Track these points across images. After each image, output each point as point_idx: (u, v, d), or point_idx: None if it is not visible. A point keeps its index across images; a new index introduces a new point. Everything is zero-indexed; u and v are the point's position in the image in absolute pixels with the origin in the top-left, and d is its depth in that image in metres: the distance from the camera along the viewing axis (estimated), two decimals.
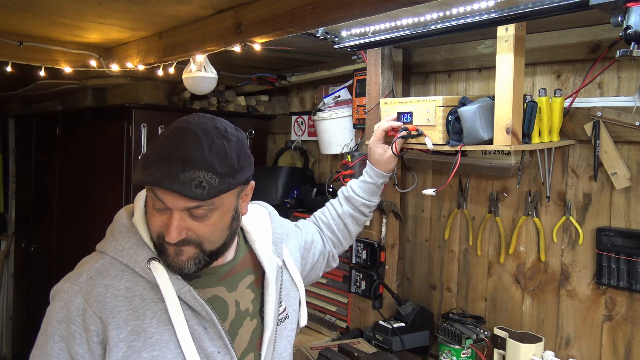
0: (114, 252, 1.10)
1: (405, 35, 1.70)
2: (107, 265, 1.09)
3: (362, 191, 1.73)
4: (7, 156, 4.26)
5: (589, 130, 1.66)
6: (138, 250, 1.09)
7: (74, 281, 1.08)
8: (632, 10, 1.19)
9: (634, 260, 1.61)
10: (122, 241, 1.11)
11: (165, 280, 1.07)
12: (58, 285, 1.10)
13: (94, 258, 1.12)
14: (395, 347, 1.97)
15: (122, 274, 1.08)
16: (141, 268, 1.08)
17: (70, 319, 1.04)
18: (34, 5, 1.73)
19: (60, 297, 1.07)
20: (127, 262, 1.09)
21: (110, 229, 1.15)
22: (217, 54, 1.92)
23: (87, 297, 1.05)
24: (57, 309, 1.06)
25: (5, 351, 4.24)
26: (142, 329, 1.04)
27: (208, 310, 1.09)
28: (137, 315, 1.05)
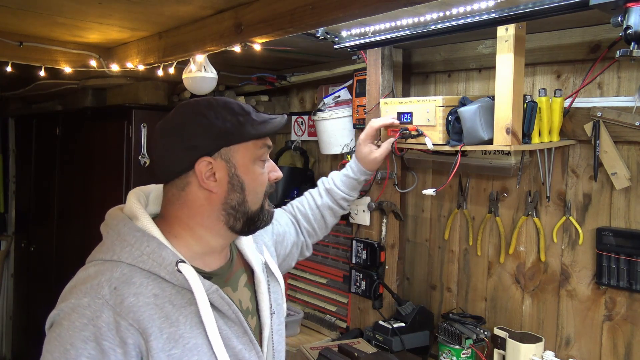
0: (132, 259, 1.02)
1: (405, 35, 1.70)
2: (128, 274, 1.01)
3: (343, 185, 1.71)
4: (7, 156, 4.27)
5: (589, 130, 1.66)
6: (162, 253, 1.03)
7: (95, 294, 0.97)
8: (632, 10, 1.19)
9: (634, 260, 1.61)
10: (139, 246, 1.03)
11: (196, 281, 1.02)
12: (68, 303, 0.98)
13: (108, 268, 1.01)
14: (395, 347, 1.97)
15: (146, 280, 1.01)
16: (168, 272, 1.02)
17: (100, 335, 0.94)
18: (34, 5, 1.73)
19: (79, 314, 0.95)
20: (150, 268, 1.02)
21: (117, 234, 1.06)
22: (217, 54, 1.92)
23: (117, 309, 0.96)
24: (78, 328, 0.94)
25: (5, 351, 4.24)
26: (179, 335, 1.00)
27: (235, 308, 1.09)
28: (171, 322, 1.00)
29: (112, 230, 1.07)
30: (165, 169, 1.10)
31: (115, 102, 2.95)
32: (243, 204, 1.11)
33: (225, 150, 1.08)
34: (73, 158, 3.29)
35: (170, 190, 1.11)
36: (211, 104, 1.10)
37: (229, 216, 1.11)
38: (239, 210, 1.11)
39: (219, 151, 1.08)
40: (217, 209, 1.10)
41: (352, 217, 2.25)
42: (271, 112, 3.03)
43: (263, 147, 1.13)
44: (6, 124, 4.25)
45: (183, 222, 1.10)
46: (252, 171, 1.12)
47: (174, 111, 1.13)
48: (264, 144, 1.14)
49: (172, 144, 1.08)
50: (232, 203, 1.11)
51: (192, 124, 1.07)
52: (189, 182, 1.09)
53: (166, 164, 1.09)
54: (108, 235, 1.07)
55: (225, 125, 1.07)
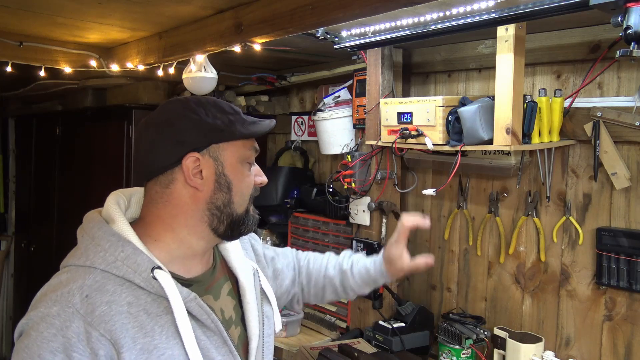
0: (105, 265, 0.97)
1: (405, 35, 1.70)
2: (101, 280, 0.96)
3: (359, 276, 1.48)
4: (7, 156, 4.27)
5: (589, 130, 1.66)
6: (137, 259, 0.98)
7: (65, 303, 0.92)
8: (632, 10, 1.19)
9: (634, 260, 1.61)
10: (113, 251, 0.98)
11: (172, 289, 0.98)
12: (37, 312, 0.92)
13: (80, 274, 0.97)
14: (395, 347, 1.97)
15: (120, 288, 0.96)
16: (143, 279, 0.97)
17: (69, 347, 0.89)
18: (34, 5, 1.73)
19: (48, 324, 0.90)
20: (124, 274, 0.97)
21: (91, 238, 1.01)
22: (217, 54, 1.92)
23: (88, 318, 0.91)
24: (46, 339, 0.89)
25: (5, 351, 4.24)
26: (154, 346, 0.95)
27: (214, 317, 1.05)
28: (145, 332, 0.95)
29: (86, 234, 1.03)
30: (150, 164, 1.06)
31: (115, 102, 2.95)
32: (229, 204, 1.08)
33: (214, 147, 1.05)
34: (73, 158, 3.29)
35: (154, 187, 1.07)
36: (201, 101, 1.08)
37: (213, 217, 1.07)
38: (223, 211, 1.07)
39: (207, 148, 1.05)
40: (201, 209, 1.06)
41: (352, 217, 2.25)
42: (271, 112, 3.04)
43: (251, 149, 1.11)
44: (6, 124, 4.25)
45: (165, 223, 1.06)
46: (240, 171, 1.09)
47: (162, 106, 1.10)
48: (252, 146, 1.11)
49: (160, 139, 1.05)
50: (218, 203, 1.07)
51: (182, 119, 1.05)
52: (174, 179, 1.05)
53: (151, 159, 1.05)
54: (82, 240, 1.03)
55: (216, 122, 1.05)
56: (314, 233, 2.53)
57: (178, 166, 1.04)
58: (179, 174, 1.04)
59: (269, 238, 2.91)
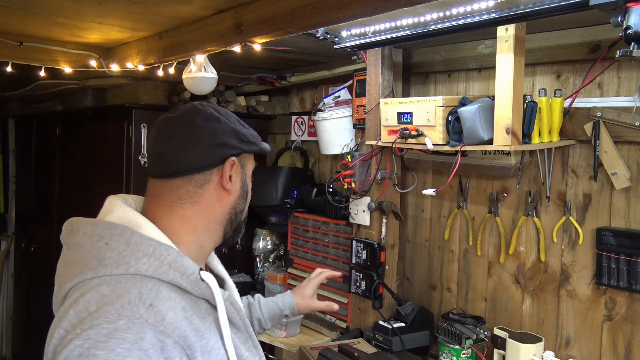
0: (152, 271, 0.93)
1: (405, 35, 1.70)
2: (155, 287, 0.92)
3: (266, 307, 1.59)
4: (7, 156, 4.26)
5: (589, 130, 1.66)
6: (184, 262, 0.96)
7: (131, 315, 0.87)
8: (632, 10, 1.19)
9: (634, 260, 1.61)
10: (158, 256, 0.95)
11: (217, 290, 0.99)
12: (99, 329, 0.85)
13: (127, 284, 0.91)
14: (395, 347, 1.97)
15: (173, 293, 0.94)
16: (190, 282, 0.96)
17: (147, 357, 0.85)
18: (34, 5, 1.73)
19: (119, 339, 0.84)
20: (172, 279, 0.94)
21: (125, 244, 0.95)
22: (217, 54, 1.92)
23: (159, 327, 0.88)
24: (120, 355, 0.83)
25: (5, 351, 4.24)
26: (210, 347, 0.96)
27: (243, 314, 1.07)
28: (201, 334, 0.94)
29: (113, 240, 0.95)
30: (183, 162, 1.04)
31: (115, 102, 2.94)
32: (242, 211, 1.13)
33: (244, 156, 1.11)
34: (73, 158, 3.29)
35: (185, 186, 1.05)
36: (227, 111, 1.13)
37: (229, 222, 1.10)
38: (238, 217, 1.12)
39: (240, 155, 1.09)
40: (224, 212, 1.09)
41: (352, 217, 2.25)
42: (271, 113, 3.04)
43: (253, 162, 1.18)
44: (6, 124, 4.25)
45: (189, 224, 1.05)
46: (250, 181, 1.15)
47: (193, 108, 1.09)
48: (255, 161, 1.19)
49: (201, 138, 1.04)
50: (237, 209, 1.11)
51: (222, 123, 1.07)
52: (210, 180, 1.05)
53: (187, 157, 1.04)
54: (108, 247, 0.94)
55: (244, 132, 1.10)
56: (314, 233, 2.53)
57: (217, 168, 1.06)
58: (216, 176, 1.06)
59: (269, 238, 2.91)
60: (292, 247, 2.67)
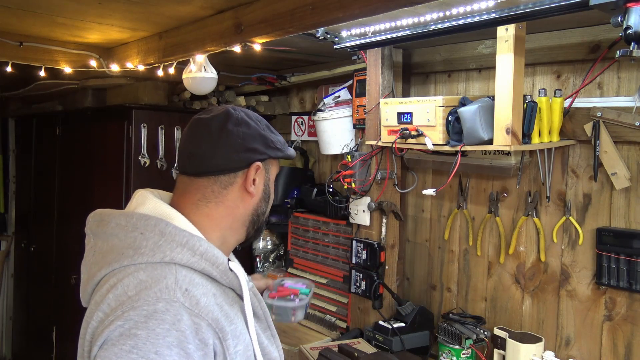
0: (185, 260, 0.99)
1: (405, 35, 1.70)
2: (189, 275, 0.99)
3: None
4: (7, 156, 4.26)
5: (589, 130, 1.66)
6: (215, 252, 1.03)
7: (169, 298, 0.93)
8: (632, 10, 1.19)
9: (634, 260, 1.61)
10: (192, 246, 1.01)
11: (244, 280, 1.07)
12: (141, 310, 0.91)
13: (165, 270, 0.97)
14: (395, 347, 1.97)
15: (203, 280, 1.01)
16: (220, 272, 1.03)
17: (184, 339, 0.91)
18: (34, 5, 1.73)
19: (159, 320, 0.90)
20: (204, 269, 1.01)
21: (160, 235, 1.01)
22: (217, 54, 1.92)
23: (195, 310, 0.94)
24: (160, 335, 0.89)
25: (5, 351, 4.24)
26: (239, 332, 1.03)
27: (264, 305, 1.15)
28: (231, 320, 1.01)
29: (148, 231, 1.01)
30: (212, 164, 1.10)
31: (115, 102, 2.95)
32: (264, 213, 1.18)
33: (269, 161, 1.16)
34: (73, 158, 3.29)
35: (210, 186, 1.10)
36: (257, 116, 1.17)
37: (252, 223, 1.16)
38: (260, 219, 1.17)
39: (265, 160, 1.14)
40: (247, 214, 1.14)
41: (352, 217, 2.25)
42: (271, 113, 3.04)
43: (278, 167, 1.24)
44: (6, 124, 4.25)
45: (214, 222, 1.11)
46: (273, 186, 1.20)
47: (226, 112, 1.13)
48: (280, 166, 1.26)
49: (230, 142, 1.10)
50: (259, 211, 1.16)
51: (252, 128, 1.12)
52: (234, 182, 1.11)
53: (216, 159, 1.10)
54: (144, 237, 1.01)
55: (272, 139, 1.15)
56: (314, 233, 2.53)
57: (242, 171, 1.11)
58: (240, 178, 1.11)
59: (269, 238, 2.91)
60: (292, 247, 2.67)
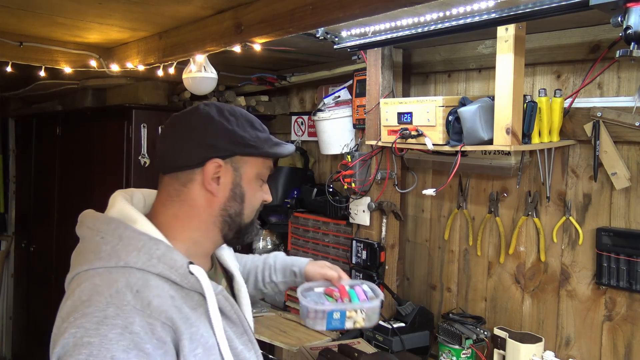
0: (141, 264, 0.97)
1: (405, 35, 1.70)
2: (143, 277, 0.96)
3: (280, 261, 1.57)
4: (7, 156, 4.26)
5: (589, 130, 1.66)
6: (173, 256, 1.00)
7: (119, 303, 0.92)
8: (632, 10, 1.19)
9: (634, 260, 1.61)
10: (148, 250, 0.99)
11: (207, 282, 1.02)
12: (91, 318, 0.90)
13: (119, 275, 0.96)
14: (395, 347, 1.97)
15: (160, 283, 0.98)
16: (179, 275, 1.00)
17: (139, 341, 0.90)
18: (34, 5, 1.73)
19: (110, 326, 0.89)
20: (161, 272, 0.98)
21: (118, 239, 1.00)
22: (217, 54, 1.92)
23: (147, 311, 0.93)
24: (114, 340, 0.88)
25: (5, 351, 4.24)
26: (200, 335, 0.99)
27: (237, 308, 1.09)
28: (191, 322, 0.98)
29: (108, 235, 1.01)
30: (172, 160, 1.09)
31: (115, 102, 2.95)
32: (239, 215, 1.12)
33: (238, 158, 1.10)
34: (73, 158, 3.29)
35: (172, 184, 1.09)
36: (235, 111, 1.13)
37: (225, 224, 1.12)
38: (235, 220, 1.12)
39: (232, 157, 1.09)
40: (215, 214, 1.10)
41: (352, 217, 2.25)
42: (271, 113, 3.04)
43: (267, 169, 1.17)
44: (6, 124, 4.25)
45: (181, 223, 1.09)
46: (254, 186, 1.14)
47: (194, 107, 1.13)
48: (269, 166, 1.17)
49: (189, 137, 1.08)
50: (230, 211, 1.11)
51: (215, 124, 1.08)
52: (193, 179, 1.08)
53: (175, 155, 1.09)
54: (104, 241, 1.00)
55: (244, 135, 1.09)
56: (314, 233, 2.53)
57: (200, 168, 1.07)
58: (199, 175, 1.08)
59: (269, 238, 2.91)
60: (292, 247, 2.67)
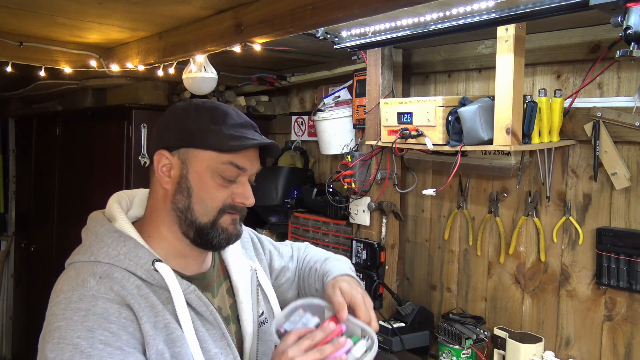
0: (109, 258, 1.02)
1: (405, 35, 1.70)
2: (108, 270, 1.01)
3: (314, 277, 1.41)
4: (7, 156, 4.26)
5: (589, 130, 1.66)
6: (139, 252, 1.04)
7: (82, 289, 0.97)
8: (632, 10, 1.19)
9: (634, 261, 1.61)
10: (115, 246, 1.04)
11: (172, 280, 1.03)
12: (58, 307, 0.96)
13: (86, 267, 1.02)
14: (395, 347, 1.97)
15: (126, 274, 1.01)
16: (144, 271, 1.02)
17: (103, 321, 0.94)
18: (34, 5, 1.73)
19: (74, 310, 0.95)
20: (127, 267, 1.02)
21: (95, 235, 1.07)
22: (217, 54, 1.92)
23: (108, 296, 0.97)
24: (78, 322, 0.94)
25: (5, 351, 4.24)
26: (164, 324, 1.00)
27: (212, 309, 1.08)
28: (157, 311, 1.00)
29: (90, 232, 1.09)
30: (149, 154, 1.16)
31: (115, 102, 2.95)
32: (189, 210, 1.08)
33: (184, 150, 1.08)
34: (73, 158, 3.29)
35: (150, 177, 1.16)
36: (203, 105, 1.11)
37: (179, 220, 1.09)
38: (186, 216, 1.08)
39: (179, 149, 1.08)
40: (168, 208, 1.10)
41: (352, 217, 2.25)
42: (271, 113, 3.03)
43: (228, 165, 1.07)
44: (6, 124, 4.25)
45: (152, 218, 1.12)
46: (205, 181, 1.08)
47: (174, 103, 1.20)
48: (230, 162, 1.07)
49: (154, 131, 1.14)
50: (179, 205, 1.08)
51: (172, 118, 1.12)
52: (152, 172, 1.12)
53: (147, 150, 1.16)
54: (87, 238, 1.09)
55: (192, 127, 1.07)
56: (314, 233, 2.53)
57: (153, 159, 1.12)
58: (153, 166, 1.12)
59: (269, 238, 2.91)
60: None
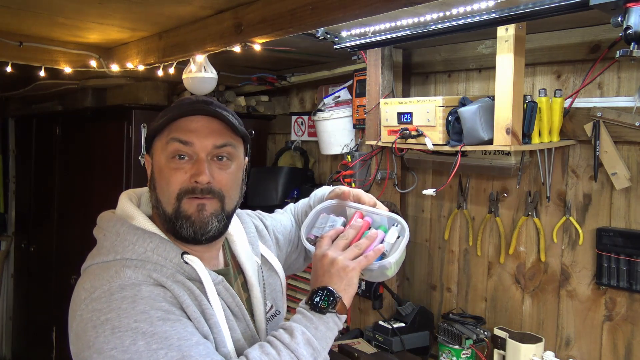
0: (137, 255, 1.01)
1: (405, 35, 1.70)
2: (140, 264, 1.00)
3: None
4: (7, 156, 4.26)
5: (589, 130, 1.66)
6: (166, 247, 1.03)
7: (121, 279, 0.95)
8: (632, 10, 1.19)
9: (634, 261, 1.61)
10: (142, 243, 1.02)
11: (203, 270, 1.04)
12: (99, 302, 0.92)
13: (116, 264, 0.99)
14: (395, 348, 1.97)
15: (158, 267, 1.01)
16: (174, 264, 1.02)
17: (153, 302, 0.93)
18: (34, 5, 1.73)
19: (120, 298, 0.92)
20: (157, 262, 1.02)
21: (116, 235, 1.04)
22: (217, 54, 1.92)
23: (148, 281, 0.96)
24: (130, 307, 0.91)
25: (5, 351, 4.24)
26: (202, 310, 1.00)
27: (238, 301, 1.09)
28: (195, 295, 1.00)
29: (108, 232, 1.05)
30: None
31: (115, 102, 2.95)
32: (158, 202, 1.07)
33: (153, 148, 1.10)
34: (73, 158, 3.29)
35: None
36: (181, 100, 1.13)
37: (159, 216, 1.08)
38: (159, 210, 1.07)
39: (151, 149, 1.10)
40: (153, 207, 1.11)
41: None
42: (271, 113, 3.03)
43: (172, 142, 1.04)
44: (6, 124, 4.25)
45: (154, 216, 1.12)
46: (162, 168, 1.06)
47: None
48: (172, 138, 1.04)
49: None
50: (152, 201, 1.09)
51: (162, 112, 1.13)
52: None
53: None
54: (106, 238, 1.05)
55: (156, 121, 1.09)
56: None
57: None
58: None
59: None
60: None
